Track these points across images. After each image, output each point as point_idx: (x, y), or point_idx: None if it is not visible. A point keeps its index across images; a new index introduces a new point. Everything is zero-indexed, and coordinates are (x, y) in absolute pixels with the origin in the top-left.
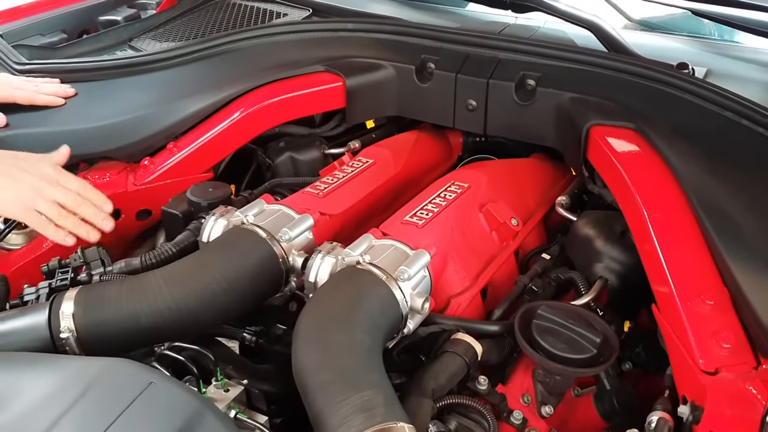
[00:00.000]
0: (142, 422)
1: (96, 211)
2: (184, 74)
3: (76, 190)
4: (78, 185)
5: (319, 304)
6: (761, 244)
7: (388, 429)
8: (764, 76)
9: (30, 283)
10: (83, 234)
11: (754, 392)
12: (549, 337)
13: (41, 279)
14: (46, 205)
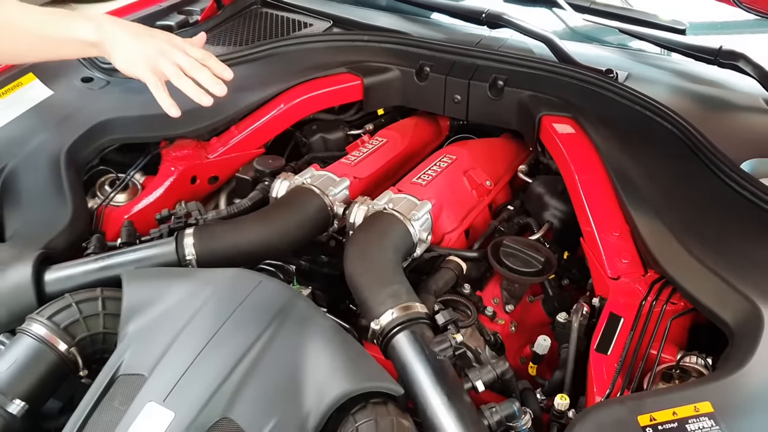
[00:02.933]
0: (256, 305)
1: (212, 77)
2: (239, 73)
3: (199, 57)
4: (202, 54)
5: (359, 235)
6: (650, 197)
7: (409, 306)
8: (666, 77)
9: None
10: (195, 96)
11: (639, 288)
12: (511, 259)
13: (145, 226)
14: (168, 65)
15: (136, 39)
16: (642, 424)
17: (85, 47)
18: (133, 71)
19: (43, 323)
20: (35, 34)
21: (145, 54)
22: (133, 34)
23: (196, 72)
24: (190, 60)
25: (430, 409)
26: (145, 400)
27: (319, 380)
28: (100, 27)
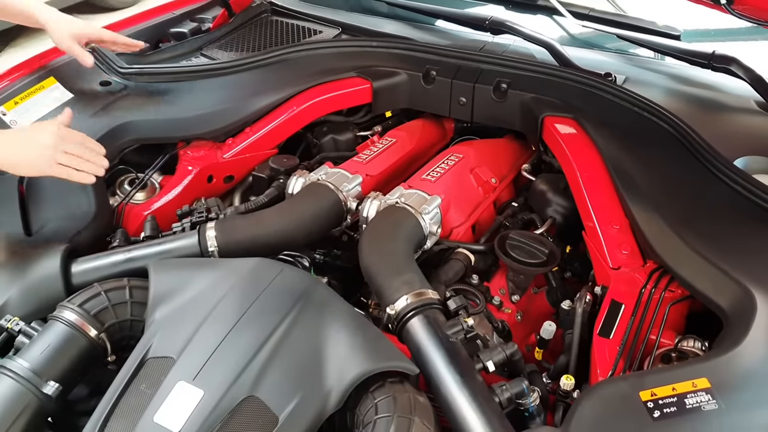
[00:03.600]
0: (279, 291)
1: (98, 156)
2: (252, 78)
3: (80, 142)
4: (81, 138)
5: (373, 228)
6: (648, 192)
7: (422, 292)
8: (662, 80)
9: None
10: (98, 172)
11: (639, 278)
12: (516, 251)
13: (164, 223)
14: (66, 157)
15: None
16: (643, 399)
17: None
18: (39, 172)
19: (74, 310)
20: None
21: (42, 156)
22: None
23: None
24: (78, 146)
25: (444, 387)
26: (175, 379)
27: (339, 360)
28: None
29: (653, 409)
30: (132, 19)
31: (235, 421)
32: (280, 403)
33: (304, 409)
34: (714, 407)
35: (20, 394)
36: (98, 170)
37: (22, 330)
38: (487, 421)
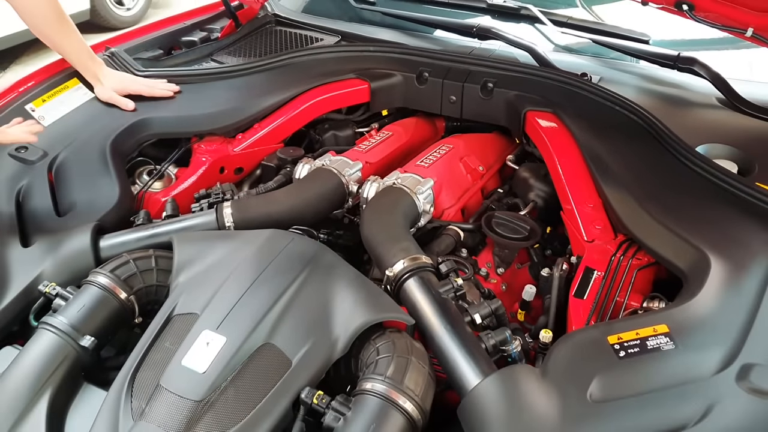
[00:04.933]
0: (291, 256)
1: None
2: (260, 79)
3: None
4: None
5: (373, 204)
6: (619, 175)
7: (417, 257)
8: (633, 80)
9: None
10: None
11: (609, 248)
12: (501, 227)
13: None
14: None
15: None
16: (611, 342)
17: None
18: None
19: (106, 275)
20: None
21: None
22: None
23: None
24: None
25: (436, 336)
26: (200, 329)
27: (344, 313)
28: None
29: (619, 350)
30: (146, 29)
31: (254, 364)
32: (292, 349)
33: (314, 354)
34: (671, 347)
35: (60, 347)
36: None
37: (59, 293)
38: (474, 362)
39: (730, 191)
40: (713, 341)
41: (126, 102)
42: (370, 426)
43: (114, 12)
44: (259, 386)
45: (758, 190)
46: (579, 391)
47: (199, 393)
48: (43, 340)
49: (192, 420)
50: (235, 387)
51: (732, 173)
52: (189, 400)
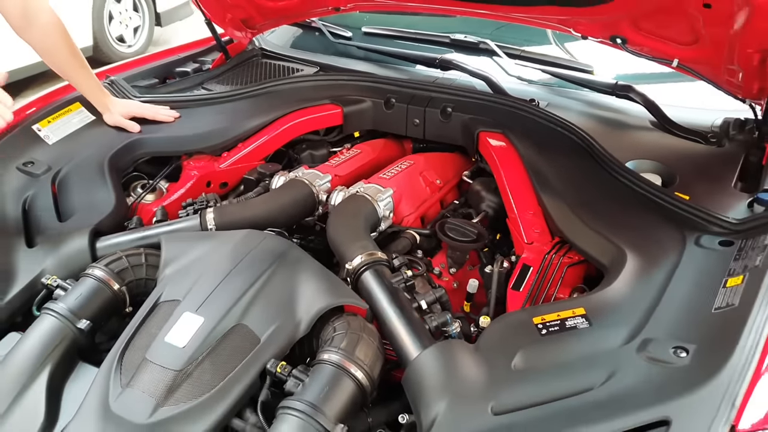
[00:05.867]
0: (263, 251)
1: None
2: (244, 105)
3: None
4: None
5: (338, 209)
6: (556, 186)
7: (373, 253)
8: (577, 105)
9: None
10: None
11: (545, 248)
12: (453, 232)
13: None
14: None
15: None
16: (535, 322)
17: None
18: None
19: (101, 268)
20: None
21: None
22: None
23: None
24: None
25: (387, 319)
26: (181, 311)
27: (307, 299)
28: None
29: (542, 329)
30: (143, 60)
31: (227, 341)
32: (261, 329)
33: (280, 333)
34: (586, 326)
35: (60, 329)
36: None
37: (60, 285)
38: (417, 337)
39: (652, 199)
40: (621, 321)
41: (132, 124)
42: (324, 389)
43: (116, 48)
44: (231, 359)
45: (675, 198)
46: (505, 362)
47: (179, 364)
48: (45, 322)
49: (172, 387)
50: (210, 359)
51: (654, 184)
52: (170, 370)
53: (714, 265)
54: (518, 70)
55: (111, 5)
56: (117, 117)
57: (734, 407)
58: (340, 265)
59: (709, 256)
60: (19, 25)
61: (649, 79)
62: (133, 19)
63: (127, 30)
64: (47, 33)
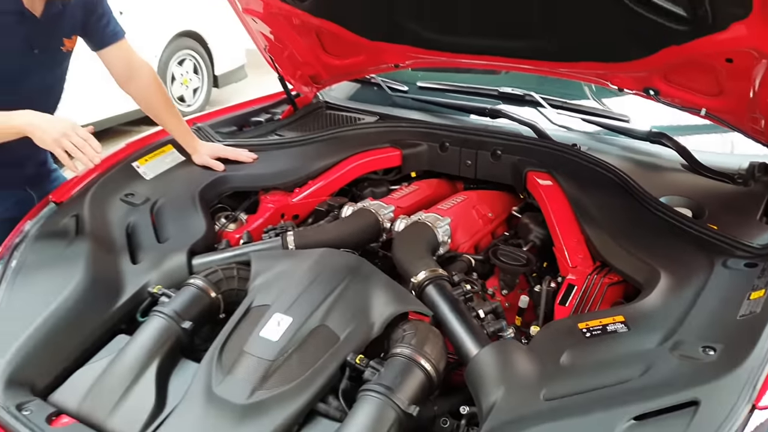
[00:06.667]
0: (339, 265)
1: (94, 154)
2: (312, 148)
3: (84, 138)
4: (85, 135)
5: (402, 234)
6: (597, 218)
7: (435, 269)
8: (614, 149)
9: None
10: (87, 165)
11: (587, 271)
12: (504, 257)
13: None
14: (68, 145)
15: (47, 122)
16: (580, 327)
17: (12, 135)
18: (46, 145)
19: (202, 279)
20: None
21: (52, 135)
22: (45, 119)
23: (85, 149)
24: (81, 141)
25: (449, 323)
26: (273, 312)
27: (379, 305)
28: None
29: (586, 333)
30: (224, 110)
31: (312, 338)
32: (340, 329)
33: (356, 333)
34: (625, 330)
35: (167, 327)
36: (87, 164)
37: (164, 293)
38: (476, 338)
39: (683, 229)
40: (656, 326)
41: (218, 164)
42: (398, 377)
43: (177, 107)
44: (316, 353)
45: (705, 227)
46: (554, 359)
47: (272, 355)
48: (154, 322)
49: (267, 374)
50: (298, 353)
51: (686, 216)
52: (265, 360)
53: (739, 283)
54: (561, 119)
55: (174, 68)
56: (204, 157)
57: (755, 389)
58: (405, 281)
59: (735, 275)
60: (122, 80)
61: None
62: (193, 81)
63: (187, 90)
64: (147, 85)
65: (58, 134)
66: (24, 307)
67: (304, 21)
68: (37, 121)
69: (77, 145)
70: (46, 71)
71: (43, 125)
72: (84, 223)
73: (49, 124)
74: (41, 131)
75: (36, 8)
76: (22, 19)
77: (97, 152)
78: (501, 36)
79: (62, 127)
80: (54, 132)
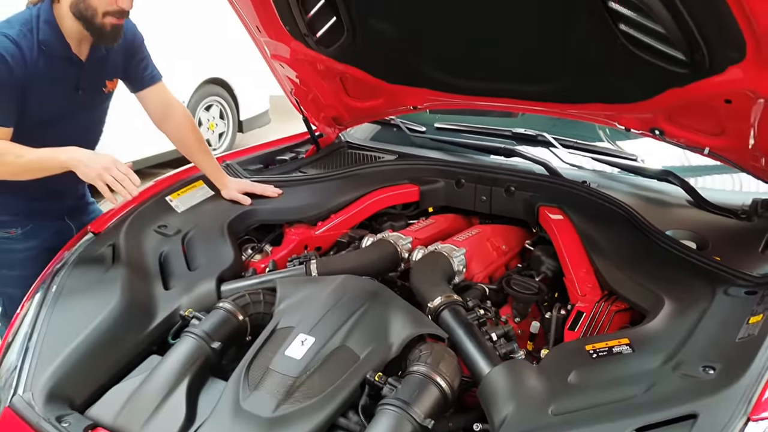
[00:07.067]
0: (359, 290)
1: (133, 188)
2: (335, 184)
3: (125, 173)
4: (126, 170)
5: (419, 262)
6: (606, 250)
7: (450, 295)
8: (623, 186)
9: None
10: (125, 198)
11: (596, 300)
12: (517, 286)
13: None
14: (109, 179)
15: (91, 157)
16: (587, 349)
17: (57, 169)
18: (88, 179)
19: (230, 303)
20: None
21: (95, 170)
22: (89, 155)
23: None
24: (121, 175)
25: (463, 345)
26: (297, 333)
27: (397, 327)
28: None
29: (593, 354)
30: (252, 149)
31: (333, 357)
32: (360, 349)
33: (376, 353)
34: (630, 352)
35: (198, 347)
36: (126, 196)
37: (195, 316)
38: (489, 358)
39: (687, 260)
40: (659, 348)
41: (245, 198)
42: (414, 392)
43: None
44: (337, 371)
45: (708, 259)
46: (562, 377)
47: (296, 372)
48: (186, 342)
49: (291, 390)
50: (320, 371)
51: (690, 248)
52: (289, 377)
53: (739, 309)
54: (572, 158)
55: (201, 113)
56: (232, 192)
57: (751, 403)
58: (422, 306)
59: (736, 302)
60: (158, 119)
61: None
62: (219, 126)
63: (213, 135)
64: (181, 125)
65: (101, 169)
66: (63, 328)
67: (328, 66)
68: (81, 157)
69: (118, 179)
70: (89, 111)
71: (87, 160)
72: (120, 252)
73: (93, 160)
74: (85, 166)
75: (82, 53)
76: (70, 63)
77: (136, 185)
78: (512, 79)
79: (105, 162)
80: (97, 167)
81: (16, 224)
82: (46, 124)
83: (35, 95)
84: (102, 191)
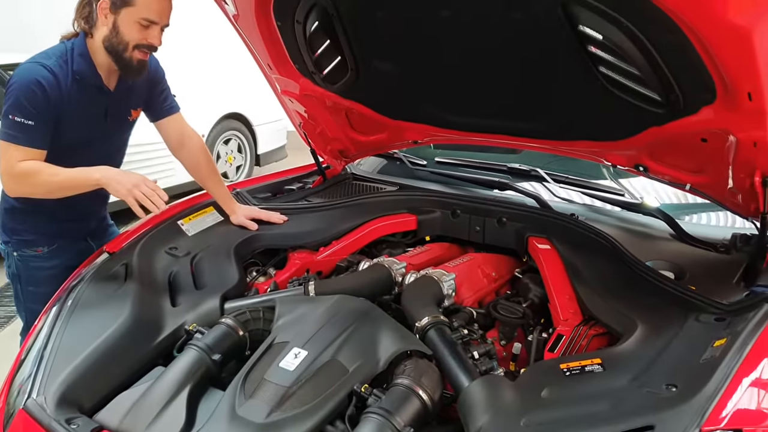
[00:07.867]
0: (351, 309)
1: (160, 203)
2: (337, 212)
3: (153, 189)
4: (154, 187)
5: (411, 285)
6: (587, 278)
7: (437, 316)
8: (609, 219)
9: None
10: (153, 211)
11: (577, 324)
12: (503, 311)
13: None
14: (139, 195)
15: (122, 175)
16: (562, 368)
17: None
18: (119, 195)
19: (232, 319)
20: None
21: (126, 186)
22: (120, 173)
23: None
24: (150, 191)
25: (446, 361)
26: (291, 346)
27: (385, 344)
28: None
29: (566, 372)
30: (261, 179)
31: (324, 370)
32: (349, 363)
33: (364, 367)
34: (601, 371)
35: (200, 358)
36: (155, 210)
37: (198, 330)
38: (468, 373)
39: (663, 288)
40: (628, 368)
41: (252, 224)
42: (396, 403)
43: None
44: (326, 383)
45: (683, 288)
46: (536, 392)
47: (289, 382)
48: (189, 353)
49: (283, 399)
50: (311, 382)
51: (667, 277)
52: (282, 386)
53: (706, 333)
54: (562, 192)
55: (220, 147)
56: (241, 218)
57: (704, 417)
58: (411, 327)
59: (704, 327)
60: (175, 147)
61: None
62: (236, 159)
63: (231, 168)
64: (195, 153)
65: (132, 185)
66: (76, 339)
67: (335, 102)
68: (113, 174)
69: (147, 195)
70: (115, 136)
71: (119, 177)
72: (132, 271)
73: (124, 177)
74: (117, 183)
75: (111, 83)
76: (101, 92)
77: (164, 200)
78: (505, 117)
79: (135, 180)
80: (128, 183)
81: (43, 243)
82: (76, 147)
83: (68, 120)
84: (131, 206)
